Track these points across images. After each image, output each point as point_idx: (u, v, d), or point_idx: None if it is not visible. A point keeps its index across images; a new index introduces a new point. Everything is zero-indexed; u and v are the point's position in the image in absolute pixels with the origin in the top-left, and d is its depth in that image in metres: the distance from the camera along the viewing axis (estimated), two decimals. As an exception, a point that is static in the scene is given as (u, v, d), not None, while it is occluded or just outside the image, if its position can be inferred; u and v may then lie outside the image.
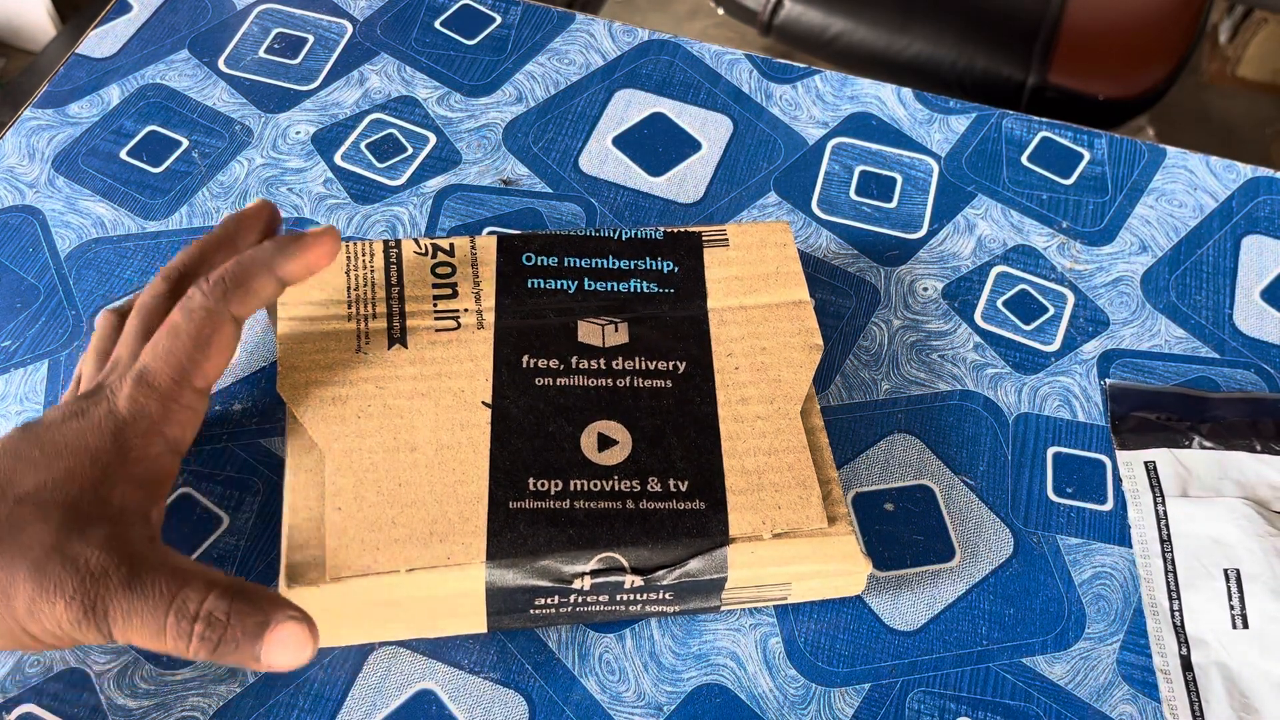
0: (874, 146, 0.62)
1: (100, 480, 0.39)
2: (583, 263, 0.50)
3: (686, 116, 0.63)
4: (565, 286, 0.50)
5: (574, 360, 0.47)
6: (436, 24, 0.67)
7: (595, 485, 0.44)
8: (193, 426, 0.44)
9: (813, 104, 0.63)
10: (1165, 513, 0.50)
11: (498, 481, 0.44)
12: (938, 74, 1.04)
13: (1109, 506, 0.51)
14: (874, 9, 1.07)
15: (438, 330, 0.48)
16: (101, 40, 0.65)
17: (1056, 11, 1.06)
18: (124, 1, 0.67)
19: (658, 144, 0.62)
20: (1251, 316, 0.56)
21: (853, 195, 0.60)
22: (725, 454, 0.45)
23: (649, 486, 0.44)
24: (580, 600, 0.43)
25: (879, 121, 0.63)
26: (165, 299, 0.45)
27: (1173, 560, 0.48)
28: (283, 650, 0.37)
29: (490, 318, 0.48)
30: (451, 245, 0.50)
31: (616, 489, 0.44)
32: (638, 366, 0.47)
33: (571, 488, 0.44)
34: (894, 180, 0.60)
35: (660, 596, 0.44)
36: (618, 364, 0.47)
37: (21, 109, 0.62)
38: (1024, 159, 0.61)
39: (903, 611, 0.48)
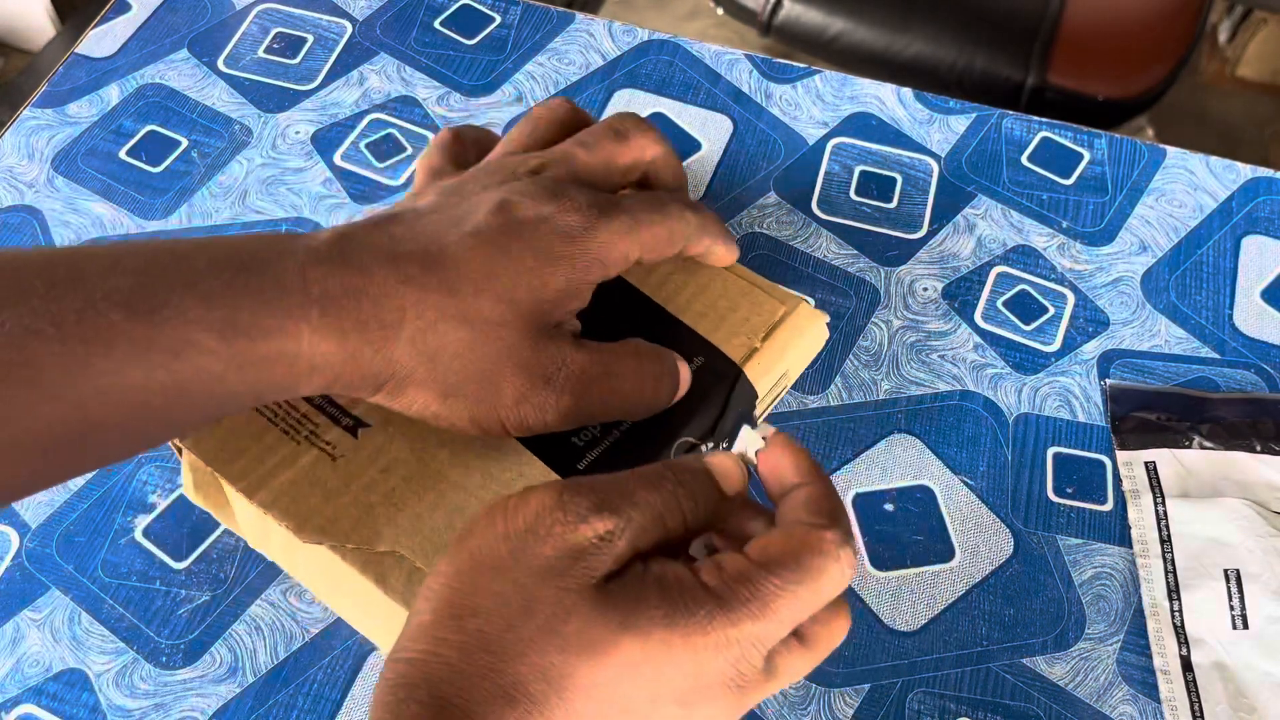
0: (874, 146, 0.62)
1: (564, 293, 0.42)
2: None
3: (686, 116, 0.63)
4: None
5: None
6: (436, 24, 0.67)
7: None
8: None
9: (813, 104, 0.63)
10: (1165, 513, 0.50)
11: (553, 461, 0.44)
12: (937, 74, 1.04)
13: (1109, 507, 0.51)
14: (873, 9, 1.07)
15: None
16: (101, 40, 0.65)
17: (1056, 12, 1.06)
18: (123, 1, 0.67)
19: (657, 144, 0.62)
20: (1251, 317, 0.56)
21: (853, 195, 0.60)
22: (677, 313, 0.48)
23: None
24: None
25: (879, 121, 0.63)
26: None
27: (1173, 560, 0.48)
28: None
29: None
30: None
31: None
32: None
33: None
34: (894, 180, 0.60)
35: (726, 447, 0.46)
36: None
37: (21, 109, 0.62)
38: (1024, 159, 0.61)
39: (903, 612, 0.48)
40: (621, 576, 0.33)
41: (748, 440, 0.38)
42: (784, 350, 0.48)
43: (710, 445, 0.46)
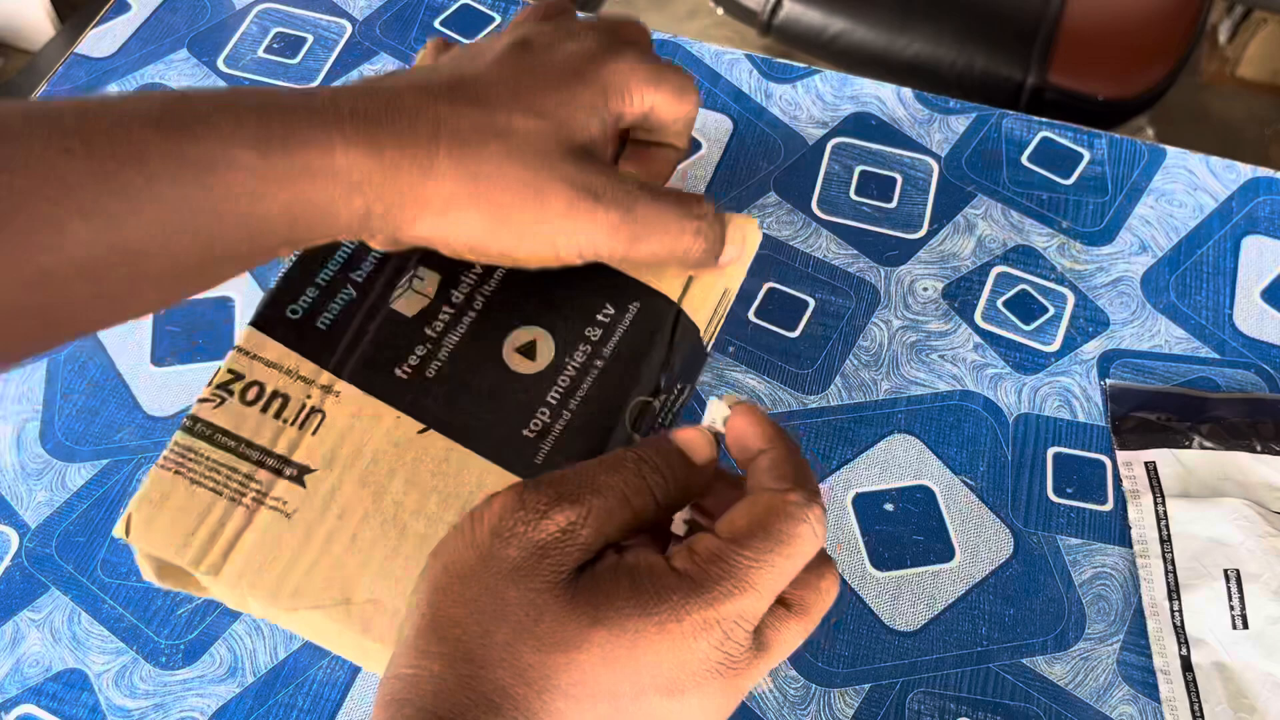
0: (874, 146, 0.62)
1: (591, 110, 0.41)
2: (324, 275, 0.46)
3: (686, 116, 0.63)
4: (344, 300, 0.45)
5: (428, 330, 0.44)
6: (436, 24, 0.66)
7: (564, 380, 0.43)
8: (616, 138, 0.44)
9: (813, 104, 0.63)
10: (1165, 513, 0.50)
11: (508, 462, 0.42)
12: (937, 74, 1.04)
13: (1109, 507, 0.51)
14: (873, 9, 1.07)
15: (314, 434, 0.43)
16: (100, 40, 0.65)
17: (1055, 11, 1.06)
18: (123, 1, 0.67)
19: (657, 144, 0.62)
20: (1251, 317, 0.56)
21: (853, 195, 0.60)
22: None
23: (591, 336, 0.44)
24: None
25: (879, 121, 0.63)
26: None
27: (1173, 560, 0.48)
28: (732, 246, 0.44)
29: (331, 380, 0.44)
30: (231, 370, 0.44)
31: (578, 365, 0.44)
32: (464, 284, 0.45)
33: (551, 400, 0.43)
34: (894, 180, 0.60)
35: (681, 389, 0.45)
36: (455, 296, 0.45)
37: (20, 108, 0.62)
38: (1024, 159, 0.61)
39: (903, 612, 0.48)
40: (594, 568, 0.33)
41: (715, 411, 0.37)
42: (721, 268, 0.46)
43: (665, 397, 0.44)
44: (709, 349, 0.47)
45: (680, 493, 0.36)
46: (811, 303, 0.56)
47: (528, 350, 0.44)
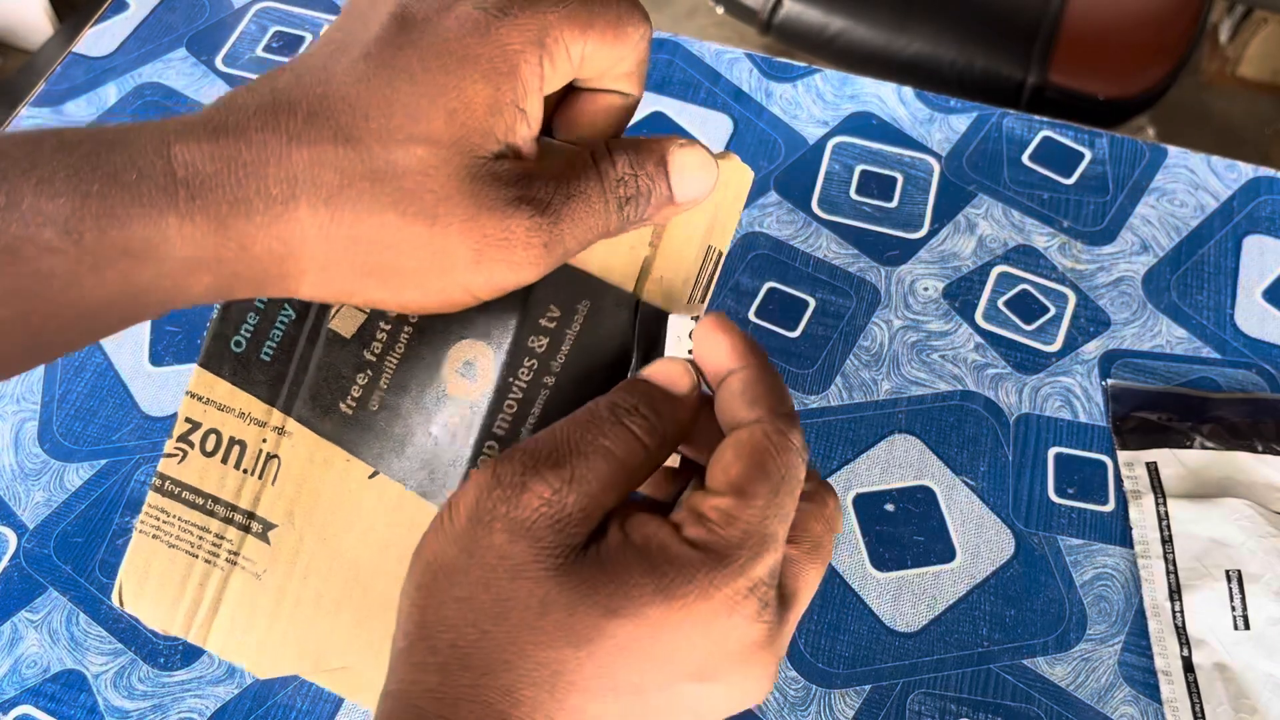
0: (874, 145, 0.61)
1: (493, 107, 0.32)
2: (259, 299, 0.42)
3: (686, 116, 0.63)
4: (284, 322, 0.41)
5: (367, 354, 0.41)
6: (435, 22, 0.66)
7: (510, 405, 0.38)
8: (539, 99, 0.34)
9: (813, 103, 0.63)
10: (1167, 513, 0.50)
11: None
12: (937, 73, 1.04)
13: (1110, 507, 0.51)
14: (873, 8, 1.07)
15: (273, 484, 0.41)
16: (98, 38, 0.65)
17: (1056, 11, 1.06)
18: (121, 0, 0.67)
19: (657, 143, 0.61)
20: (1253, 317, 0.56)
21: (853, 195, 0.60)
22: None
23: (536, 348, 0.38)
24: None
25: (879, 120, 0.62)
26: None
27: (1174, 561, 0.48)
28: (690, 175, 0.35)
29: (283, 420, 0.41)
30: (189, 419, 0.41)
31: (524, 384, 0.38)
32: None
33: (498, 430, 0.38)
34: (894, 179, 0.60)
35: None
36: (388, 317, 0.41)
37: (18, 108, 0.62)
38: (1025, 158, 0.61)
39: (903, 613, 0.48)
40: (598, 547, 0.30)
41: (679, 327, 0.33)
42: (694, 227, 0.38)
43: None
44: (701, 314, 0.39)
45: (671, 431, 0.32)
46: (812, 302, 0.56)
47: (467, 369, 0.40)
